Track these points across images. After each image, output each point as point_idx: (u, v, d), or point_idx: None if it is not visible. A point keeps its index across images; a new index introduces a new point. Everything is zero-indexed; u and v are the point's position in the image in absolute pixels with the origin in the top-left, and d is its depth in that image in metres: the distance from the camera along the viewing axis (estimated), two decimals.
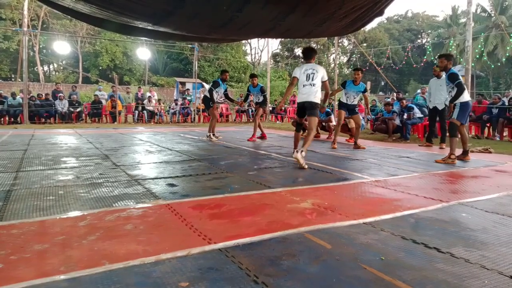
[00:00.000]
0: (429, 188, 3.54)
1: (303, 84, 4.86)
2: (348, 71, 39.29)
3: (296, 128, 5.29)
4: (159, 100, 16.11)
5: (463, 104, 5.18)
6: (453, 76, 5.18)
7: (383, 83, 42.20)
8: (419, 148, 7.12)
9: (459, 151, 5.39)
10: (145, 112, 14.64)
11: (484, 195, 3.29)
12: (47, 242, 2.04)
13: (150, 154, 5.68)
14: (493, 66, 28.65)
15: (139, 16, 5.30)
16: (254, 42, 37.51)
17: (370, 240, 2.14)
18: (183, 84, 21.26)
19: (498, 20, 25.37)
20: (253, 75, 8.40)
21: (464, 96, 5.19)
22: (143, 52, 23.93)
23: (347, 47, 42.27)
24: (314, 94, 4.80)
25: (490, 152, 6.42)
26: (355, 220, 2.50)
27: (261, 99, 8.18)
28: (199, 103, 15.93)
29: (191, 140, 7.91)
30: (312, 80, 4.80)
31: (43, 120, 13.05)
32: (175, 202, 2.88)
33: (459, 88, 5.10)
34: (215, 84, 8.12)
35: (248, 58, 37.59)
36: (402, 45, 35.11)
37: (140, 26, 6.01)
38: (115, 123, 13.78)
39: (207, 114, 14.02)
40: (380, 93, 38.99)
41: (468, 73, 9.71)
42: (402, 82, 41.18)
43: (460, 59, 28.48)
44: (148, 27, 6.07)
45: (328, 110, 9.59)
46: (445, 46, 32.32)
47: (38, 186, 3.40)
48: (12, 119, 12.71)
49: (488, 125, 9.81)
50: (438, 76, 7.19)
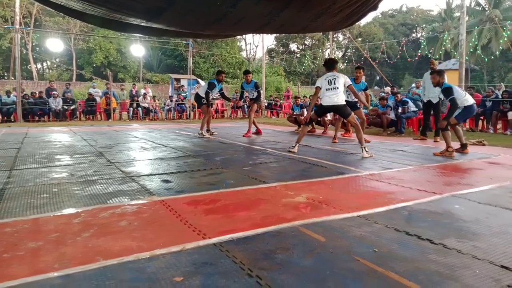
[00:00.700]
0: (423, 181, 3.57)
1: (326, 88, 5.28)
2: (343, 66, 39.28)
3: (308, 123, 5.90)
4: (154, 97, 16.02)
5: (467, 107, 5.30)
6: (446, 92, 5.28)
7: (378, 78, 42.30)
8: (414, 141, 7.16)
9: (456, 144, 5.43)
10: (139, 109, 14.56)
11: (477, 187, 3.33)
12: (41, 240, 2.03)
13: (145, 151, 5.66)
14: (487, 60, 28.75)
15: (132, 12, 5.26)
16: (249, 37, 37.40)
17: (364, 232, 2.16)
18: (178, 80, 21.17)
19: (492, 14, 25.47)
20: (246, 72, 8.33)
21: (468, 99, 5.31)
22: (137, 49, 23.82)
23: (342, 42, 42.28)
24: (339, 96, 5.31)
25: (484, 144, 6.47)
26: (349, 213, 2.52)
27: (255, 95, 8.15)
28: (194, 100, 15.88)
29: (186, 137, 7.90)
30: (334, 84, 5.27)
31: (37, 118, 12.94)
32: (170, 198, 2.88)
33: (452, 104, 5.20)
34: (210, 86, 7.97)
35: (243, 54, 37.52)
36: (397, 39, 35.14)
37: (134, 22, 5.96)
38: (110, 120, 13.70)
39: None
40: (376, 87, 39.05)
41: (462, 66, 9.75)
42: (397, 77, 41.29)
43: (455, 53, 28.59)
44: (142, 24, 6.02)
45: None
46: (439, 40, 32.41)
47: (32, 184, 3.38)
48: (6, 118, 12.60)
49: (482, 118, 9.87)
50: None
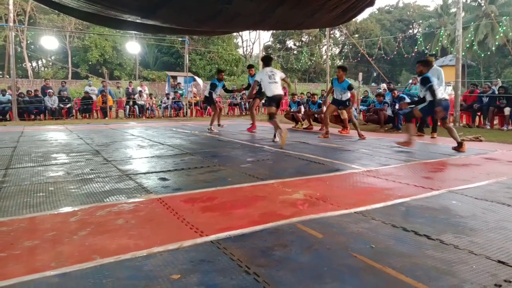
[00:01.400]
0: (420, 177, 3.58)
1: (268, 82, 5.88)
2: (340, 63, 39.27)
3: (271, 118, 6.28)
4: (150, 94, 15.95)
5: (431, 102, 5.22)
6: (424, 81, 5.28)
7: (375, 74, 42.31)
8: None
9: (452, 143, 5.42)
10: (136, 106, 14.50)
11: (474, 182, 3.33)
12: (38, 239, 2.02)
13: (142, 148, 5.64)
14: (483, 55, 28.86)
15: (126, 9, 5.23)
16: (245, 34, 37.40)
17: (361, 228, 2.16)
18: (174, 78, 21.12)
19: (488, 10, 25.51)
20: (250, 66, 8.71)
21: (438, 94, 5.25)
22: (133, 46, 23.65)
23: (339, 38, 42.22)
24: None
25: (481, 140, 6.50)
26: (346, 209, 2.52)
27: (257, 89, 8.20)
28: (191, 97, 15.84)
29: (183, 134, 7.88)
30: (274, 78, 5.98)
31: (33, 116, 12.86)
32: (167, 196, 2.87)
33: (432, 92, 5.16)
34: (212, 86, 8.33)
35: (240, 51, 37.42)
36: (394, 35, 35.15)
37: (129, 19, 5.93)
38: (106, 118, 13.63)
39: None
40: (373, 84, 39.08)
41: (458, 62, 9.79)
42: (394, 73, 41.35)
43: (451, 49, 28.63)
44: (137, 21, 5.99)
45: (320, 101, 9.61)
46: (436, 36, 32.45)
47: (28, 183, 3.36)
48: (1, 117, 12.51)
49: (478, 113, 9.90)
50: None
